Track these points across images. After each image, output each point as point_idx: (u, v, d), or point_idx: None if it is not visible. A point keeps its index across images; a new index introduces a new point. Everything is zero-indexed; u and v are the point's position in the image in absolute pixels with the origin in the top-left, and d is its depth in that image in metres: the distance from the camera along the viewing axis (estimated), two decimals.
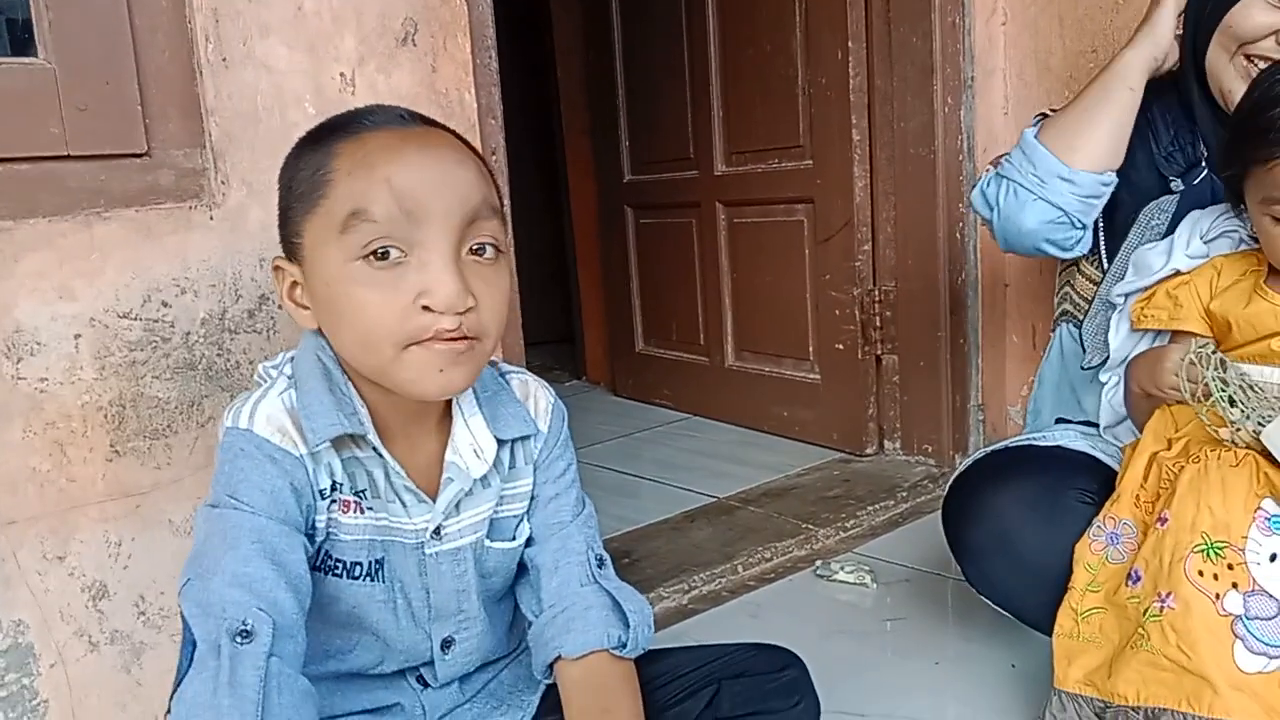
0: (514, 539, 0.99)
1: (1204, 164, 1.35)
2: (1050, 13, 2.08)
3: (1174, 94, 1.39)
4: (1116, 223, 1.40)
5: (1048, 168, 1.34)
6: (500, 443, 0.95)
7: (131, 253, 1.11)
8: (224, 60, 1.16)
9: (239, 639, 0.77)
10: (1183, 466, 1.11)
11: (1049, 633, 1.18)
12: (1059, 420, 1.48)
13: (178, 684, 0.78)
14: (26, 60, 1.06)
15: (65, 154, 1.07)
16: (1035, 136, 1.36)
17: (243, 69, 1.17)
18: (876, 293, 2.26)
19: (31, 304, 1.06)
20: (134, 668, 1.15)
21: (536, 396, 1.01)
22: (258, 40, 1.18)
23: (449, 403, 0.93)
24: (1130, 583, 1.11)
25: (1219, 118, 1.33)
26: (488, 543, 0.96)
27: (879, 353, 2.29)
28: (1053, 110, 1.45)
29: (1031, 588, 1.23)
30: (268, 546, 0.81)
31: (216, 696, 0.75)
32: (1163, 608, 1.05)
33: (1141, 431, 1.22)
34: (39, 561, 1.08)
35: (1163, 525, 1.08)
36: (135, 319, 1.12)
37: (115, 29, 1.10)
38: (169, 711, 0.80)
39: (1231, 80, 1.28)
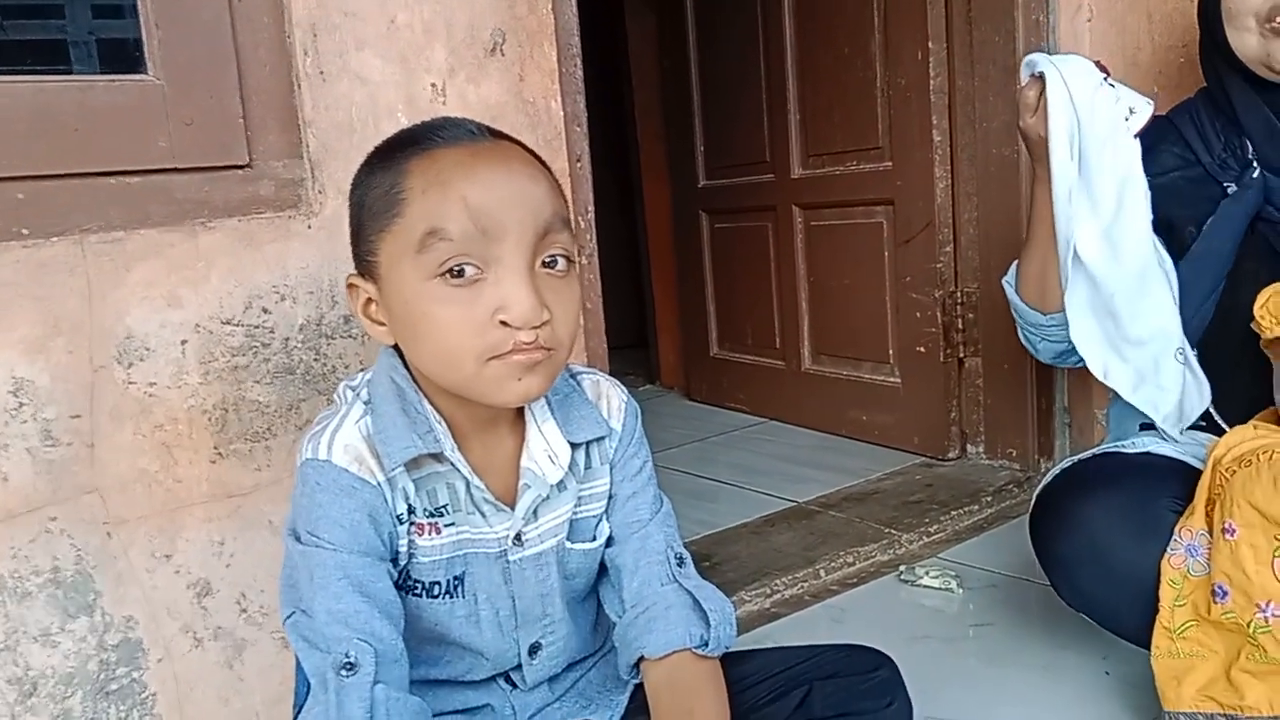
0: (594, 539, 1.00)
1: (1254, 161, 1.35)
2: (1138, 9, 2.03)
3: (1215, 103, 1.41)
4: (1175, 244, 1.38)
5: (1033, 320, 1.42)
6: (574, 446, 0.95)
7: (234, 261, 1.15)
8: (321, 73, 1.19)
9: (344, 671, 0.80)
10: (1235, 471, 1.09)
11: (1148, 646, 1.16)
12: (1143, 427, 1.45)
13: (297, 711, 0.81)
14: (137, 77, 1.11)
15: (173, 166, 1.12)
16: (1015, 290, 1.44)
17: (338, 81, 1.21)
18: (959, 295, 2.23)
19: (142, 311, 1.10)
20: (236, 663, 1.19)
21: (609, 396, 1.01)
22: (353, 53, 1.21)
23: (522, 406, 0.94)
24: (1218, 599, 1.08)
25: (1267, 100, 1.33)
26: (568, 544, 0.97)
27: (961, 355, 2.26)
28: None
29: (1125, 600, 1.20)
30: (354, 580, 0.84)
31: None
32: (1268, 618, 1.03)
33: None
34: (148, 560, 1.12)
35: (1231, 535, 1.06)
36: (237, 325, 1.16)
37: (219, 45, 1.14)
38: None
39: (1268, 47, 1.28)
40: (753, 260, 2.81)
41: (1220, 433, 1.26)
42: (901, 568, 1.77)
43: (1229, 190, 1.35)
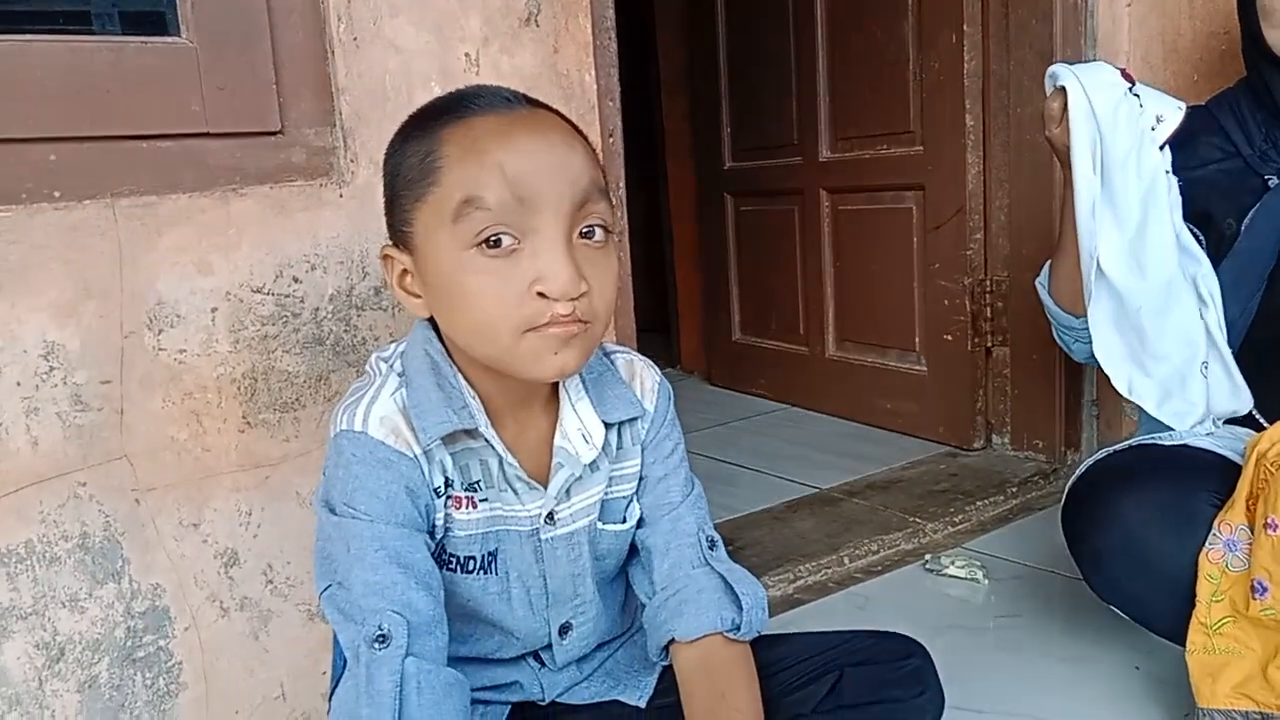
0: (625, 521, 0.98)
1: None
2: None
3: (1256, 95, 1.40)
4: (1213, 236, 1.36)
5: (1066, 323, 1.41)
6: (607, 426, 0.94)
7: (265, 229, 1.14)
8: (355, 40, 1.18)
9: (376, 644, 0.79)
10: None
11: (1180, 642, 1.14)
12: None
13: (334, 684, 0.80)
14: (170, 40, 1.09)
15: (205, 131, 1.10)
16: (1048, 292, 1.43)
17: (372, 48, 1.19)
18: (988, 283, 2.21)
19: (173, 278, 1.09)
20: (261, 634, 1.18)
21: (642, 376, 1.00)
22: (387, 20, 1.19)
23: (556, 384, 0.93)
24: (1257, 595, 1.06)
25: None
26: (600, 525, 0.96)
27: (989, 345, 2.24)
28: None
29: (1159, 594, 1.18)
30: (391, 551, 0.83)
31: (358, 705, 0.79)
32: None
33: None
34: (175, 528, 1.11)
35: (1274, 530, 1.03)
36: (268, 294, 1.14)
37: (253, 9, 1.12)
38: (330, 710, 0.84)
39: None
40: (778, 244, 2.78)
41: (1259, 428, 1.24)
42: (927, 557, 1.76)
43: (1270, 183, 1.33)
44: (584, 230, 0.82)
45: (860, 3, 2.40)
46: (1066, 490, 1.32)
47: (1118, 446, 1.35)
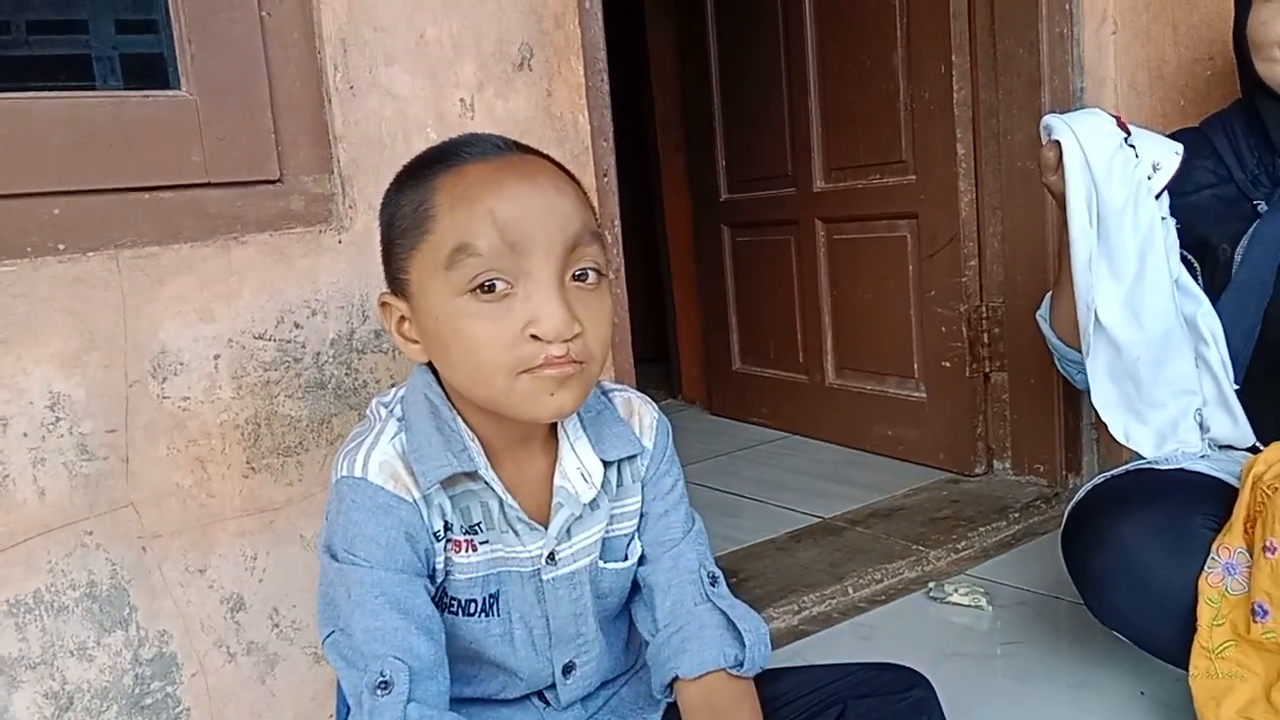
0: (626, 559, 0.99)
1: None
2: (1163, 20, 2.02)
3: (1249, 119, 1.41)
4: (1209, 262, 1.38)
5: (1069, 356, 1.42)
6: (606, 464, 0.95)
7: (266, 276, 1.15)
8: (351, 88, 1.20)
9: (379, 691, 0.80)
10: (1277, 489, 1.07)
11: (1182, 665, 1.15)
12: None
13: None
14: (170, 93, 1.12)
15: (206, 181, 1.12)
16: (1050, 326, 1.45)
17: (368, 96, 1.21)
18: (984, 309, 2.22)
19: (175, 326, 1.10)
20: (268, 678, 1.18)
21: (640, 413, 1.01)
22: (382, 68, 1.22)
23: (555, 424, 0.94)
24: (1258, 618, 1.07)
25: None
26: (601, 564, 0.97)
27: (987, 370, 2.24)
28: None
29: (1160, 618, 1.19)
30: (391, 597, 0.84)
31: None
32: None
33: None
34: (181, 574, 1.12)
35: (1273, 553, 1.04)
36: (269, 340, 1.16)
37: (251, 61, 1.14)
38: None
39: None
40: (775, 274, 2.80)
41: (1255, 451, 1.25)
42: (930, 584, 1.76)
43: (1259, 209, 1.34)
44: (576, 273, 0.83)
45: (850, 34, 2.43)
46: (1065, 515, 1.33)
47: (1115, 471, 1.36)
